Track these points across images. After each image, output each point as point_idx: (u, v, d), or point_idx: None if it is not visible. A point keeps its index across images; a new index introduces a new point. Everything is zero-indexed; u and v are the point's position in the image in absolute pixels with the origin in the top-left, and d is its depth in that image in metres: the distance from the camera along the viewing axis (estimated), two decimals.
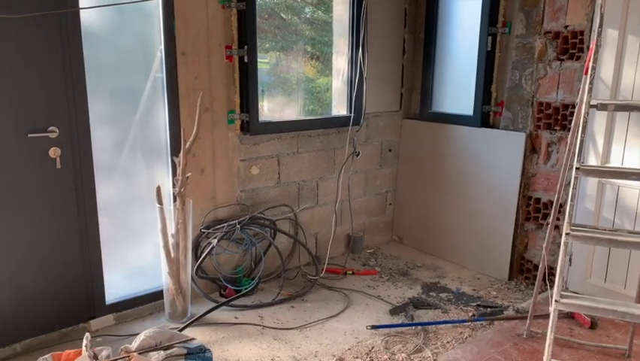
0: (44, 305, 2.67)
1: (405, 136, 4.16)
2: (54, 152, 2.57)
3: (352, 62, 3.72)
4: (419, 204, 4.10)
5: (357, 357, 2.61)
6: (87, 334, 1.92)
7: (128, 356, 1.94)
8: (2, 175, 2.45)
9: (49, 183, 2.60)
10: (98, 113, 2.74)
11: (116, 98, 2.85)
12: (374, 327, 2.87)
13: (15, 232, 2.53)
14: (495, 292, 3.38)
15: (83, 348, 1.85)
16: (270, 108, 3.51)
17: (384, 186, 4.20)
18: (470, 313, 3.07)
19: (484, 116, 3.60)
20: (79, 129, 2.66)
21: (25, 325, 2.63)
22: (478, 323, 2.95)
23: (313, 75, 3.82)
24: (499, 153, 3.51)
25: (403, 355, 2.61)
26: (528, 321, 2.80)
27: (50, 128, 2.54)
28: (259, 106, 3.29)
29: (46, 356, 1.89)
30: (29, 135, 2.49)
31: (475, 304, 3.19)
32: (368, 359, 2.59)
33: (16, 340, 2.61)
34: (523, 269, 3.53)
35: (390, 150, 4.15)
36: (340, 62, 3.82)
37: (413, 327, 2.88)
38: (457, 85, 3.85)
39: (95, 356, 1.88)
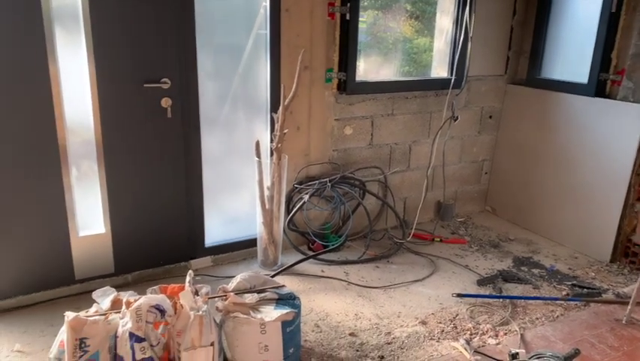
0: (152, 243, 2.94)
1: (508, 102, 3.94)
2: (166, 102, 2.75)
3: (457, 21, 3.55)
4: (517, 175, 3.91)
5: (440, 322, 2.61)
6: (190, 271, 2.09)
7: (226, 295, 2.10)
8: (122, 121, 2.68)
9: (160, 131, 2.80)
10: (204, 67, 2.88)
11: (221, 54, 2.96)
12: (460, 295, 2.84)
13: (131, 174, 2.78)
14: (594, 274, 3.19)
15: (186, 284, 2.02)
16: (365, 69, 3.47)
17: (480, 153, 4.05)
18: (564, 292, 2.93)
19: (599, 85, 3.30)
20: (188, 82, 2.82)
21: (136, 259, 2.91)
22: (572, 302, 2.81)
23: (411, 35, 3.69)
24: (614, 125, 3.22)
25: (488, 326, 2.57)
26: (629, 307, 2.62)
27: (163, 80, 2.72)
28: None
29: (154, 287, 2.09)
30: (145, 85, 2.68)
31: (570, 283, 3.03)
32: (452, 325, 2.59)
33: (128, 271, 2.91)
34: (629, 252, 3.28)
35: (490, 117, 3.97)
36: (444, 22, 3.66)
37: (501, 300, 2.82)
38: (572, 49, 3.54)
39: (197, 292, 2.05)
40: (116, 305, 1.98)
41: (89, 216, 2.76)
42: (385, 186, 3.64)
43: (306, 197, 3.19)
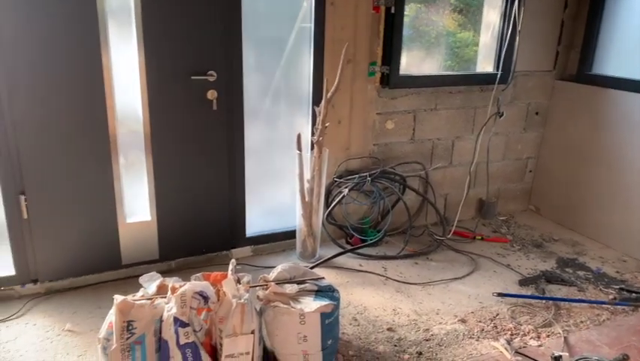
0: (195, 231, 3.01)
1: (556, 99, 3.82)
2: (211, 94, 2.81)
3: (506, 15, 3.46)
4: (564, 174, 3.79)
5: (480, 321, 2.57)
6: (233, 260, 2.13)
7: (266, 285, 2.13)
8: (169, 112, 2.75)
9: (205, 123, 2.86)
10: (247, 60, 2.91)
11: (263, 47, 2.99)
12: (501, 295, 2.79)
13: (176, 164, 2.85)
14: None
15: (229, 272, 2.06)
16: (406, 62, 3.43)
17: (525, 151, 3.94)
18: (611, 296, 2.83)
19: None
20: (233, 74, 2.86)
21: (179, 247, 3.00)
22: (619, 307, 2.72)
23: (454, 29, 3.62)
24: None
25: (529, 327, 2.52)
26: None
27: (209, 72, 2.77)
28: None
29: (198, 274, 2.14)
30: (192, 77, 2.74)
31: (617, 287, 2.93)
32: (492, 325, 2.54)
33: (172, 258, 3.00)
34: None
35: (537, 113, 3.86)
36: (491, 16, 3.57)
37: (544, 301, 2.75)
38: (628, 45, 3.39)
39: (238, 281, 2.09)
40: (161, 290, 2.04)
41: (136, 203, 2.85)
42: (426, 181, 3.60)
43: (346, 191, 3.19)
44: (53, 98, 2.49)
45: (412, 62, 3.48)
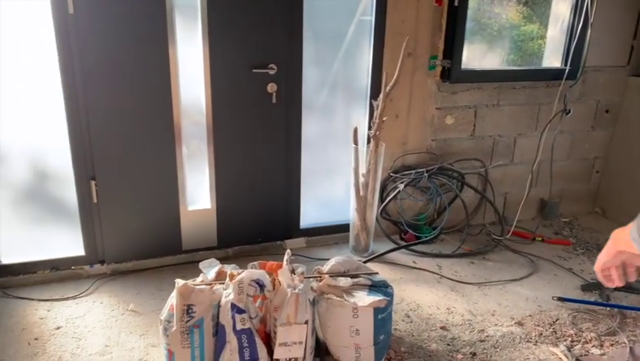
0: (252, 221, 3.09)
1: (629, 96, 3.60)
2: (271, 87, 2.85)
3: (576, 7, 3.30)
4: (635, 176, 3.57)
5: (538, 325, 2.49)
6: (288, 250, 2.17)
7: (321, 277, 2.16)
8: (231, 104, 2.82)
9: (265, 116, 2.91)
10: (306, 53, 2.93)
11: (322, 40, 3.00)
12: (561, 299, 2.68)
13: (236, 155, 2.93)
14: None
15: (284, 262, 2.10)
16: (468, 56, 3.33)
17: (592, 151, 3.75)
18: None
19: None
20: (293, 68, 2.90)
21: (237, 235, 3.08)
22: None
23: (518, 22, 3.48)
24: None
25: (592, 334, 2.41)
26: None
27: (270, 66, 2.82)
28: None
29: (254, 263, 2.19)
30: (253, 70, 2.80)
31: None
32: (551, 329, 2.45)
33: (229, 245, 3.08)
34: None
35: (607, 111, 3.66)
36: (561, 7, 3.41)
37: (608, 308, 2.62)
38: None
39: (293, 271, 2.12)
40: (220, 277, 2.11)
41: (197, 192, 2.95)
42: (485, 179, 3.50)
43: (401, 186, 3.16)
44: (123, 89, 2.61)
45: (473, 56, 3.38)
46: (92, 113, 2.59)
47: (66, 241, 2.79)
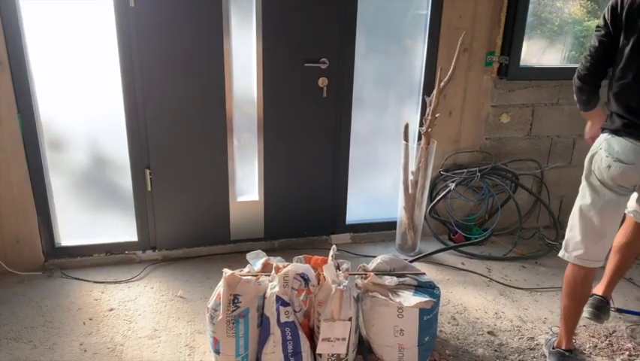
0: (299, 214, 3.10)
1: None
2: (322, 81, 2.84)
3: None
4: None
5: (593, 336, 2.37)
6: (334, 246, 2.16)
7: (366, 274, 2.14)
8: (282, 98, 2.84)
9: (315, 110, 2.91)
10: (358, 47, 2.90)
11: (375, 34, 2.95)
12: (620, 310, 2.54)
13: (285, 148, 2.94)
14: None
15: (329, 257, 2.10)
16: (526, 52, 3.19)
17: None
18: None
19: None
20: (345, 62, 2.87)
21: (283, 228, 3.10)
22: None
23: (582, 17, 3.30)
24: None
25: None
26: None
27: (322, 60, 2.81)
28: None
29: (300, 256, 2.20)
30: (305, 65, 2.80)
31: None
32: (607, 341, 2.33)
33: (275, 238, 3.11)
34: None
35: None
36: None
37: None
38: None
39: (338, 267, 2.12)
40: (265, 268, 2.13)
41: (246, 183, 2.99)
42: (541, 181, 3.36)
43: (452, 185, 3.09)
44: (178, 80, 2.67)
45: (531, 52, 3.24)
46: (149, 104, 2.67)
47: (120, 227, 2.89)
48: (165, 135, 2.75)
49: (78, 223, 2.85)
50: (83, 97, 2.64)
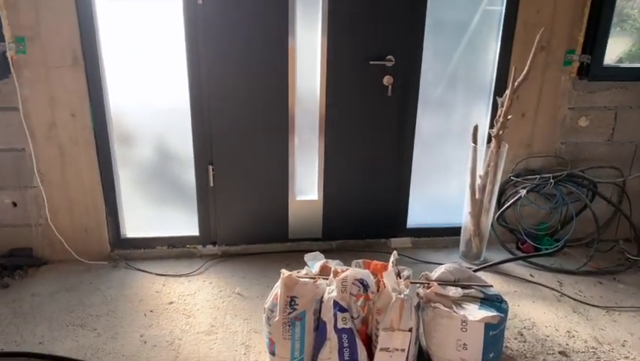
0: (358, 216, 3.03)
1: None
2: (388, 80, 2.75)
3: None
4: None
5: None
6: (395, 252, 2.08)
7: (428, 284, 2.04)
8: (345, 96, 2.78)
9: (378, 109, 2.82)
10: (426, 45, 2.78)
11: (444, 31, 2.82)
12: None
13: (346, 147, 2.88)
14: None
15: (390, 264, 2.01)
16: (608, 51, 2.94)
17: None
18: None
19: None
20: (411, 60, 2.77)
21: (341, 229, 3.04)
22: None
23: None
24: None
25: None
26: None
27: (388, 57, 2.72)
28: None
29: (359, 261, 2.13)
30: (370, 62, 2.72)
31: None
32: None
33: (333, 238, 3.06)
34: None
35: None
36: None
37: None
38: None
39: (399, 274, 2.03)
40: (323, 271, 2.08)
41: (306, 182, 2.96)
42: (622, 190, 3.10)
43: (523, 192, 2.90)
44: (243, 77, 2.67)
45: (612, 51, 2.98)
46: (214, 101, 2.69)
47: (183, 221, 2.94)
48: (228, 132, 2.76)
49: (143, 216, 2.93)
50: (151, 93, 2.70)
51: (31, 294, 2.54)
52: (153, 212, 2.93)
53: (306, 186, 2.97)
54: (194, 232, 2.95)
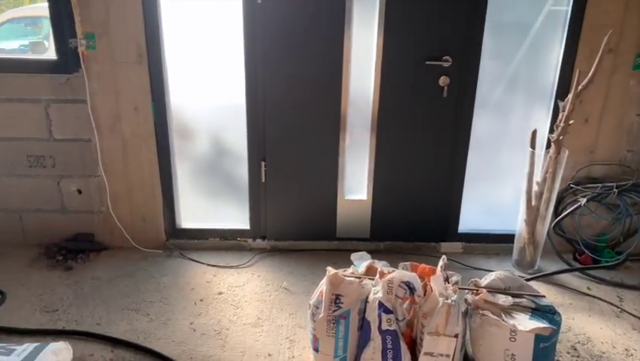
0: (407, 218, 3.00)
1: None
2: (444, 80, 2.71)
3: None
4: None
5: None
6: (444, 256, 2.04)
7: (477, 290, 1.99)
8: (399, 96, 2.76)
9: (433, 110, 2.78)
10: (486, 45, 2.71)
11: (504, 32, 2.74)
12: None
13: (398, 148, 2.86)
14: None
15: (438, 268, 1.98)
16: None
17: None
18: None
19: None
20: (469, 61, 2.71)
21: (390, 230, 3.02)
22: None
23: None
24: None
25: None
26: None
27: (445, 58, 2.67)
28: None
29: (406, 263, 2.11)
30: (426, 62, 2.68)
31: None
32: None
33: (381, 239, 3.04)
34: None
35: None
36: None
37: None
38: None
39: (447, 279, 1.99)
40: (369, 271, 2.07)
41: (355, 182, 2.96)
42: None
43: (583, 200, 2.78)
44: (297, 75, 2.71)
45: None
46: (269, 98, 2.74)
47: (234, 214, 3.02)
48: (281, 129, 2.80)
49: (197, 208, 3.03)
50: (209, 90, 2.79)
51: (91, 277, 2.69)
52: (207, 204, 3.03)
53: (356, 185, 2.97)
54: (245, 225, 3.02)
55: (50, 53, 2.72)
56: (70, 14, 2.54)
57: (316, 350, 2.01)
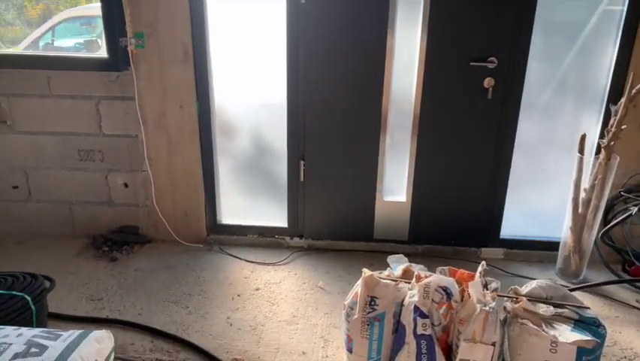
0: (447, 221, 2.95)
1: None
2: (488, 82, 2.64)
3: None
4: None
5: None
6: (483, 262, 2.00)
7: (517, 298, 1.93)
8: (441, 97, 2.71)
9: (476, 112, 2.72)
10: (534, 46, 2.63)
11: (554, 32, 2.65)
12: None
13: (439, 150, 2.82)
14: None
15: (477, 274, 1.94)
16: None
17: None
18: None
19: None
20: (515, 63, 2.64)
21: (429, 233, 2.98)
22: None
23: None
24: None
25: None
26: None
27: (490, 59, 2.61)
28: None
29: (444, 268, 2.07)
30: (471, 63, 2.63)
31: None
32: None
33: (419, 242, 3.01)
34: None
35: None
36: None
37: None
38: None
39: (486, 285, 1.95)
40: (406, 275, 2.05)
41: (394, 183, 2.93)
42: None
43: (634, 209, 2.65)
44: (339, 75, 2.71)
45: None
46: (309, 97, 2.76)
47: (273, 212, 3.06)
48: (321, 129, 2.81)
49: (237, 204, 3.08)
50: (251, 89, 2.83)
51: (134, 269, 2.78)
52: (247, 201, 3.08)
53: (395, 187, 2.94)
54: (283, 223, 3.05)
55: (102, 52, 2.83)
56: (121, 14, 2.64)
57: (350, 350, 2.01)
